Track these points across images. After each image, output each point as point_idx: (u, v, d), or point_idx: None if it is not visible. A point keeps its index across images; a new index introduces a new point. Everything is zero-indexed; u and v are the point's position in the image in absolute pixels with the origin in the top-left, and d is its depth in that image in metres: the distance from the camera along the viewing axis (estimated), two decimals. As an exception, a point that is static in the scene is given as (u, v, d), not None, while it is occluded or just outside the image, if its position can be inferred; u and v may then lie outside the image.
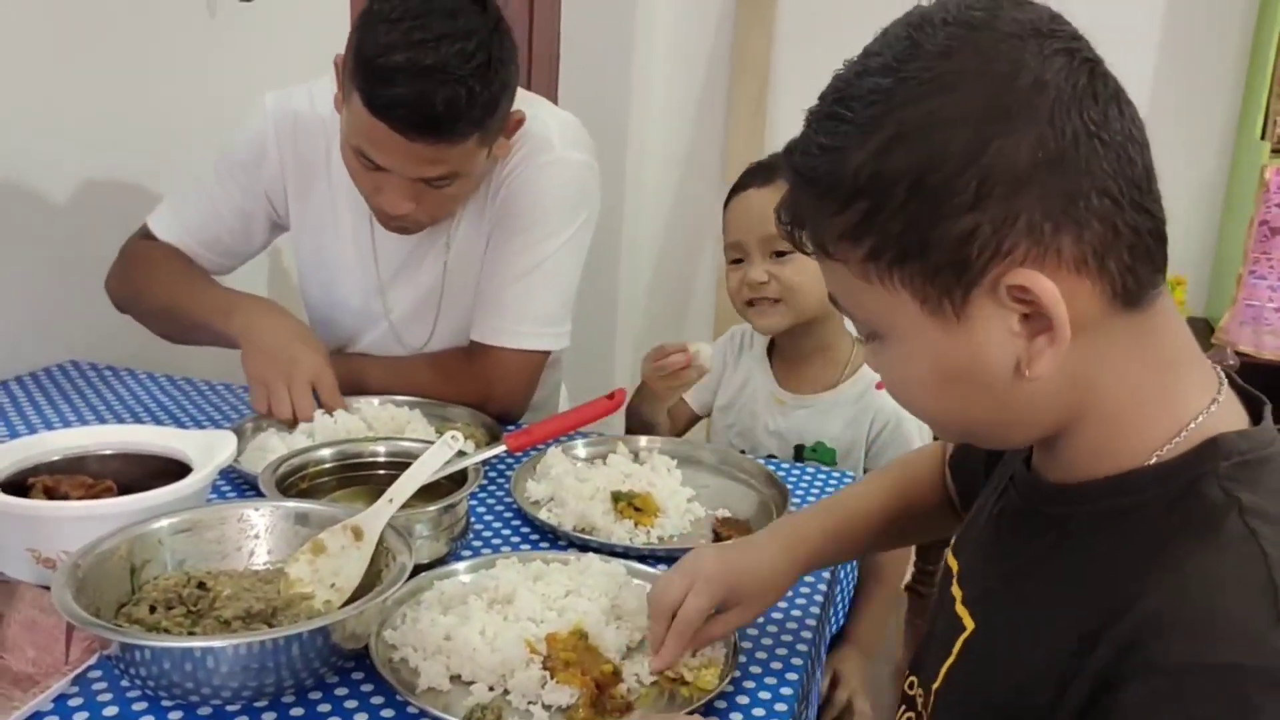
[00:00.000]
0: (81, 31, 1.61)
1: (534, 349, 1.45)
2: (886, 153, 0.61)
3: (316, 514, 1.00)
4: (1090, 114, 0.61)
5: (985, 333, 0.63)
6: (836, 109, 0.64)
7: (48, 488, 1.04)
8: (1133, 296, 0.63)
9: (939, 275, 0.62)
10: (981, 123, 0.59)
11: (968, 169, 0.59)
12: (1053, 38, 0.62)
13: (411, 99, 1.16)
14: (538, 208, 1.42)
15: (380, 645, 0.90)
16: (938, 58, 0.61)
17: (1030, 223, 0.60)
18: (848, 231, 0.64)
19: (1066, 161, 0.60)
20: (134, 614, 0.89)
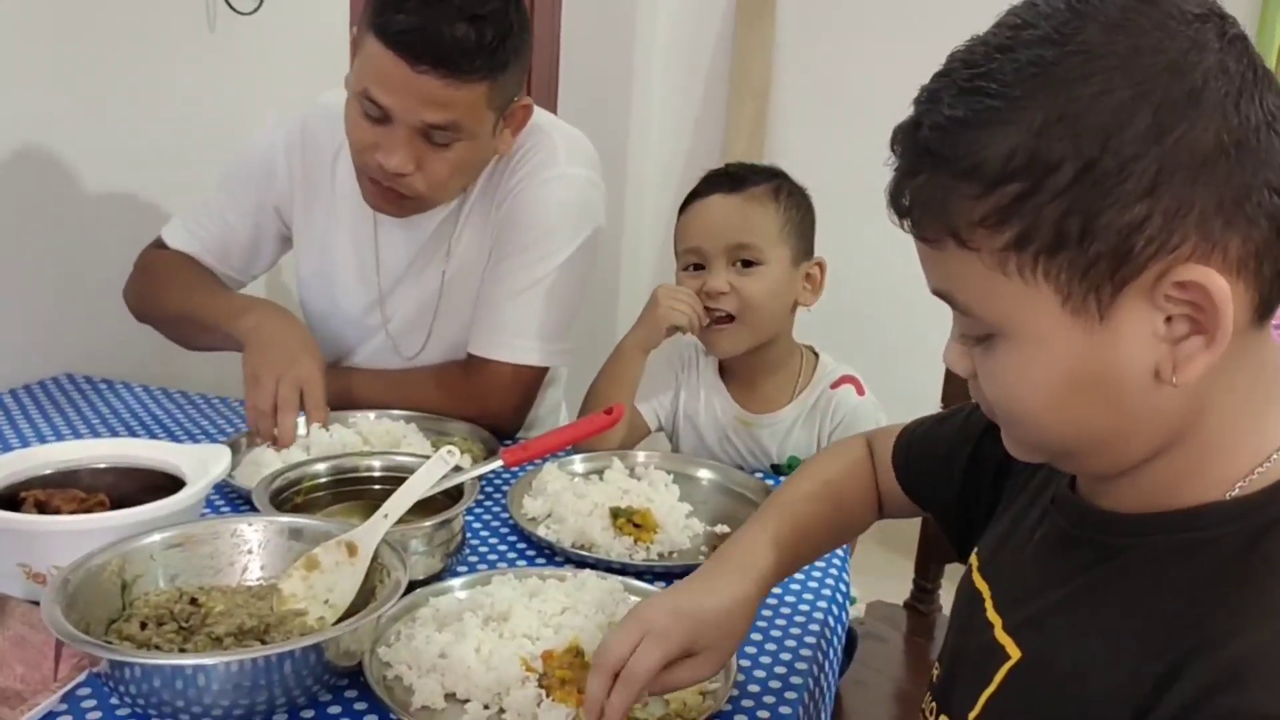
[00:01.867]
0: (80, 46, 1.60)
1: (530, 364, 1.44)
2: (1050, 131, 0.56)
3: (311, 529, 0.99)
4: (1269, 103, 0.57)
5: (1128, 336, 0.59)
6: (980, 83, 0.59)
7: (39, 502, 1.03)
8: (1270, 307, 0.59)
9: (1093, 268, 0.57)
10: (1165, 105, 0.55)
11: (1146, 154, 0.55)
12: (1225, 19, 0.58)
13: (421, 26, 1.19)
14: (541, 224, 1.42)
15: (374, 663, 0.89)
16: (1110, 30, 0.57)
17: (1203, 215, 0.56)
18: (990, 216, 0.59)
19: (1246, 152, 0.56)
20: (125, 630, 0.88)
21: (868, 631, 1.54)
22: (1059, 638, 0.68)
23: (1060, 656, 0.68)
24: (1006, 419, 0.68)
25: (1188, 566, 0.62)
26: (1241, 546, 0.61)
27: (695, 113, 3.28)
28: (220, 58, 1.86)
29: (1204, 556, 0.62)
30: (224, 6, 1.83)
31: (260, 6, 1.88)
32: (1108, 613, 0.66)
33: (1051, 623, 0.70)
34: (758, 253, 1.40)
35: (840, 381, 1.48)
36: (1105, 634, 0.65)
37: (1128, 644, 0.63)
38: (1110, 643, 0.64)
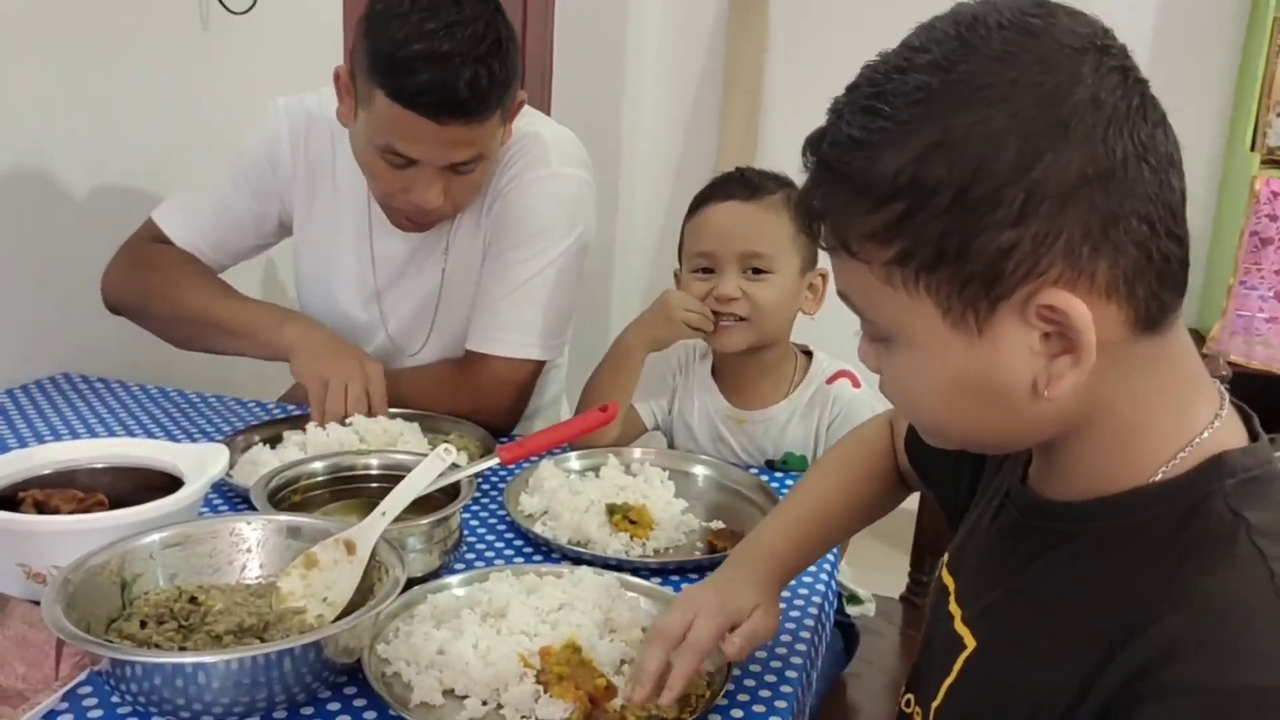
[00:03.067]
0: (74, 45, 1.61)
1: (526, 358, 1.46)
2: (930, 157, 0.59)
3: (309, 528, 0.99)
4: (1140, 135, 0.59)
5: (1005, 349, 0.62)
6: (875, 104, 0.61)
7: (38, 502, 1.04)
8: (1154, 322, 0.62)
9: (968, 286, 0.61)
10: (1034, 136, 0.58)
11: (1016, 182, 0.58)
12: (1108, 54, 0.61)
13: (438, 84, 1.22)
14: (533, 223, 1.43)
15: (373, 659, 0.90)
16: (992, 62, 0.59)
17: (1070, 243, 0.59)
18: (878, 232, 0.62)
19: (1114, 182, 0.58)
20: (125, 629, 0.88)
21: (865, 625, 1.55)
22: (1009, 627, 0.72)
23: (1010, 645, 0.70)
24: (906, 412, 0.73)
25: (1123, 551, 0.65)
26: (1170, 528, 0.63)
27: (687, 111, 3.29)
28: (214, 57, 1.86)
29: (1138, 541, 0.64)
30: (217, 6, 1.83)
31: (254, 6, 1.88)
32: (1051, 602, 0.68)
33: (1002, 612, 0.73)
34: (769, 261, 1.40)
35: (836, 376, 1.48)
36: (1050, 623, 0.67)
37: (1069, 632, 0.65)
38: (1054, 631, 0.66)
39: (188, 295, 1.45)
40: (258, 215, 1.51)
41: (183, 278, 1.47)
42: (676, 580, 1.10)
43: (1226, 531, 0.61)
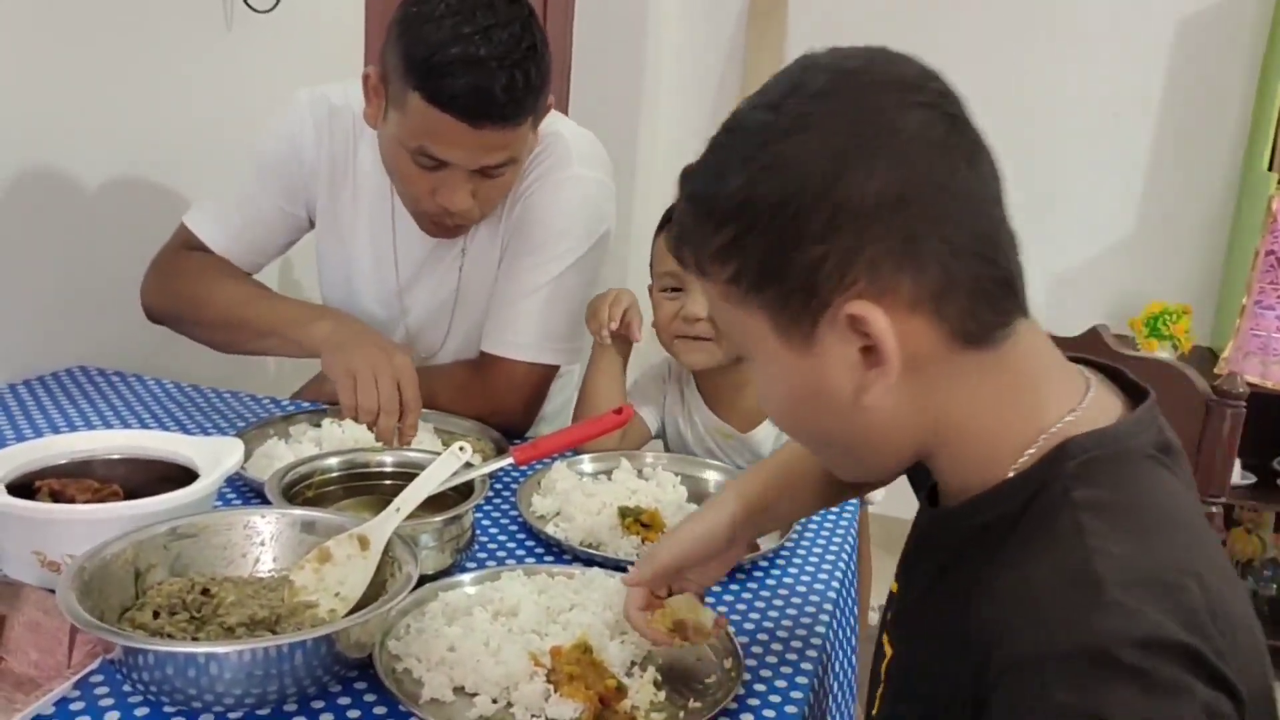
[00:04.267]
0: (98, 43, 1.62)
1: (542, 362, 1.46)
2: (757, 181, 0.65)
3: (323, 522, 0.99)
4: (939, 164, 0.65)
5: (829, 362, 0.67)
6: (724, 138, 0.69)
7: (54, 491, 1.04)
8: (975, 337, 0.66)
9: (790, 302, 0.66)
10: (838, 160, 0.64)
11: (821, 202, 0.64)
12: (918, 91, 0.66)
13: (474, 87, 1.22)
14: (553, 225, 1.43)
15: (384, 655, 0.90)
16: (812, 98, 0.66)
17: (873, 259, 0.64)
18: (718, 253, 0.68)
19: (911, 205, 0.63)
20: (137, 619, 0.88)
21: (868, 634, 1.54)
22: (914, 636, 0.76)
23: (916, 655, 0.75)
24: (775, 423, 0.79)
25: (978, 551, 0.68)
26: (1011, 520, 0.66)
27: (705, 116, 3.29)
28: (237, 55, 1.88)
29: (990, 538, 0.68)
30: (241, 5, 1.84)
31: (277, 5, 1.90)
32: (939, 609, 0.72)
33: (910, 622, 0.78)
34: None
35: None
36: (939, 629, 0.70)
37: (952, 637, 0.67)
38: (943, 637, 0.69)
39: (217, 300, 1.44)
40: (285, 211, 1.50)
41: (212, 283, 1.46)
42: (687, 584, 1.10)
43: (1053, 513, 0.64)
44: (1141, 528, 0.63)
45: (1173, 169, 2.93)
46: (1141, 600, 0.58)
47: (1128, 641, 0.56)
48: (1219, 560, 0.65)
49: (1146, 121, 2.93)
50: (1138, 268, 2.99)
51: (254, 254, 1.52)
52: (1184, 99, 2.89)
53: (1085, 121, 2.97)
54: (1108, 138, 2.96)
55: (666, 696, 0.89)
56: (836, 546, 1.22)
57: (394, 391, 1.28)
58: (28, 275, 1.57)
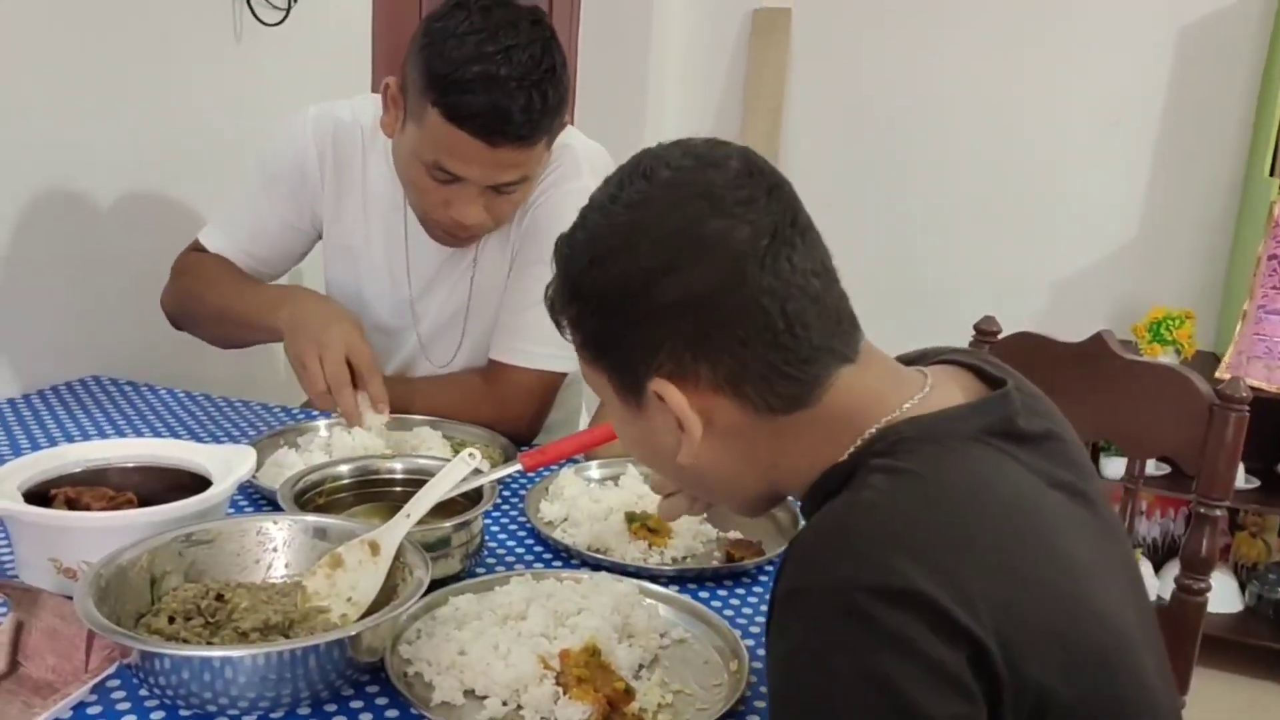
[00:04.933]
0: (109, 56, 1.64)
1: (549, 370, 1.47)
2: (589, 270, 0.76)
3: (335, 529, 1.01)
4: (729, 274, 0.72)
5: (654, 423, 0.78)
6: (583, 216, 0.78)
7: (69, 499, 1.05)
8: (778, 408, 0.75)
9: (620, 373, 0.77)
10: (645, 266, 0.73)
11: (632, 300, 0.74)
12: (719, 201, 0.73)
13: (493, 106, 1.23)
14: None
15: (395, 659, 0.92)
16: (635, 205, 0.75)
17: (673, 349, 0.74)
18: (571, 323, 0.80)
19: (704, 309, 0.72)
20: (153, 624, 0.90)
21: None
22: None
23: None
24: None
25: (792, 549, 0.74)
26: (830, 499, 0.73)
27: (710, 128, 3.31)
28: (246, 68, 1.90)
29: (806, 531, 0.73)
30: (250, 18, 1.87)
31: (285, 18, 1.92)
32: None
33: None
34: None
35: None
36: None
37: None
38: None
39: (210, 294, 1.48)
40: (290, 225, 1.53)
41: (209, 277, 1.50)
42: (694, 588, 1.11)
43: (853, 482, 0.71)
44: (924, 495, 0.68)
45: (1175, 174, 2.94)
46: (890, 552, 0.63)
47: (862, 587, 0.62)
48: (1025, 548, 0.68)
49: (1148, 127, 2.94)
50: (1140, 273, 3.00)
51: (262, 265, 1.55)
52: (1185, 105, 2.90)
53: (1087, 128, 2.98)
54: (1109, 144, 2.97)
55: (674, 698, 0.90)
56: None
57: (340, 366, 1.29)
58: (42, 287, 1.59)
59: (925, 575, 0.62)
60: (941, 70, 3.03)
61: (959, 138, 3.06)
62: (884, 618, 0.60)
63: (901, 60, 3.05)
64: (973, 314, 1.54)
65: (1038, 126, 3.00)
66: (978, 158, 3.06)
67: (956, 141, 3.06)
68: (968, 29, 3.00)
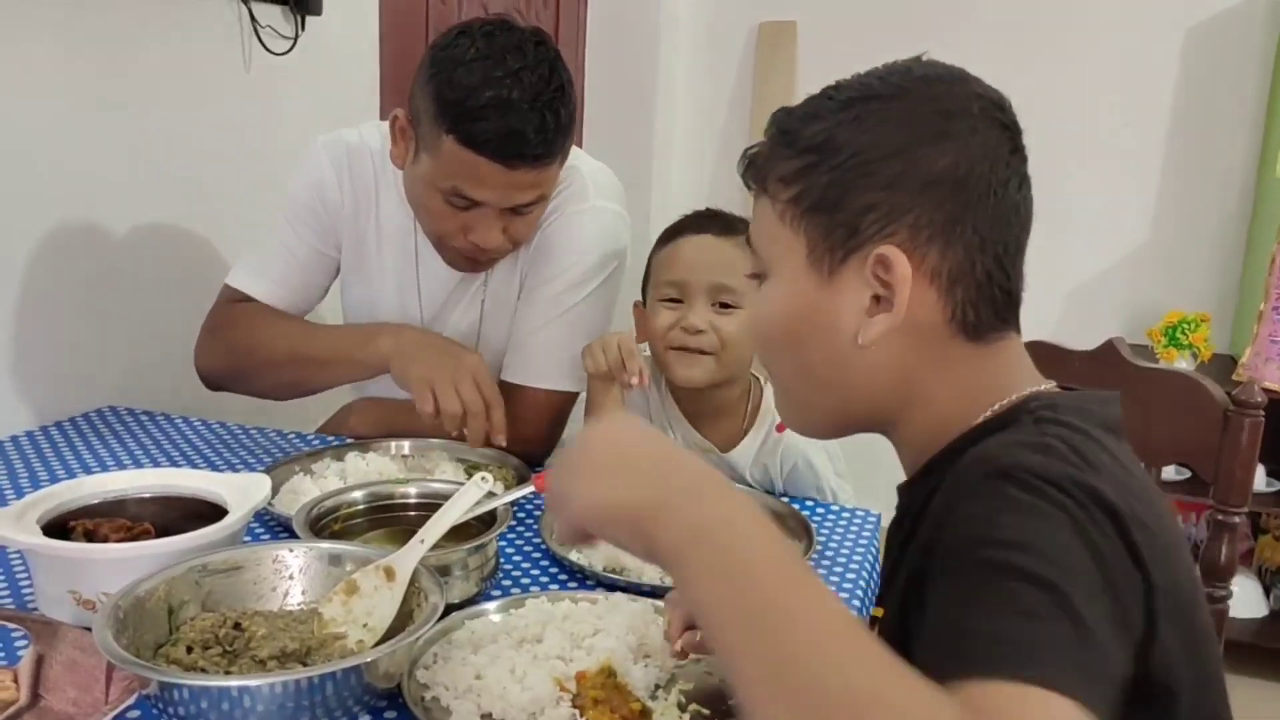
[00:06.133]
0: (121, 87, 1.66)
1: (560, 389, 1.48)
2: (843, 127, 0.75)
3: (350, 555, 1.01)
4: (997, 172, 0.74)
5: (842, 297, 0.76)
6: (829, 90, 0.79)
7: (87, 530, 1.06)
8: (970, 328, 0.75)
9: (833, 233, 0.75)
10: (919, 131, 0.74)
11: (892, 159, 0.73)
12: (999, 111, 0.77)
13: (508, 130, 1.25)
14: (570, 255, 1.46)
15: (412, 684, 0.92)
16: (916, 79, 0.77)
17: (916, 221, 0.73)
18: (787, 176, 0.77)
19: (962, 191, 0.73)
20: (172, 654, 0.90)
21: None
22: (892, 595, 0.80)
23: (894, 611, 0.78)
24: (758, 347, 0.86)
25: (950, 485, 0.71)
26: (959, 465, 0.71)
27: (717, 141, 3.32)
28: (255, 97, 1.92)
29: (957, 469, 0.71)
30: (259, 48, 1.89)
31: (293, 47, 1.94)
32: (909, 564, 0.75)
33: (892, 586, 0.82)
34: (738, 297, 1.43)
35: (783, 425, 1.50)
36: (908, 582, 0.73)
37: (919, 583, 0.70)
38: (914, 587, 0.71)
39: (276, 340, 1.46)
40: (320, 253, 1.53)
41: (266, 325, 1.48)
42: (710, 607, 1.10)
43: (1016, 423, 0.72)
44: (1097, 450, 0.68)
45: (1186, 177, 2.93)
46: (1057, 457, 0.65)
47: (1028, 470, 0.63)
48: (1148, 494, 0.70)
49: (1158, 131, 2.94)
50: (1154, 278, 2.98)
51: (298, 298, 1.54)
52: (1195, 107, 2.90)
53: (1096, 133, 2.98)
54: (1120, 148, 2.97)
55: (690, 718, 0.90)
56: (859, 559, 1.23)
57: (475, 393, 1.31)
58: (58, 319, 1.61)
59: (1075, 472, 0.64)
60: (948, 79, 3.03)
61: (968, 146, 3.06)
62: (1044, 489, 0.62)
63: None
64: (985, 322, 1.53)
65: (1046, 132, 2.96)
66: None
67: (965, 150, 3.06)
68: (975, 38, 3.00)
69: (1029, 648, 0.55)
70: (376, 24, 2.25)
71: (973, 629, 0.57)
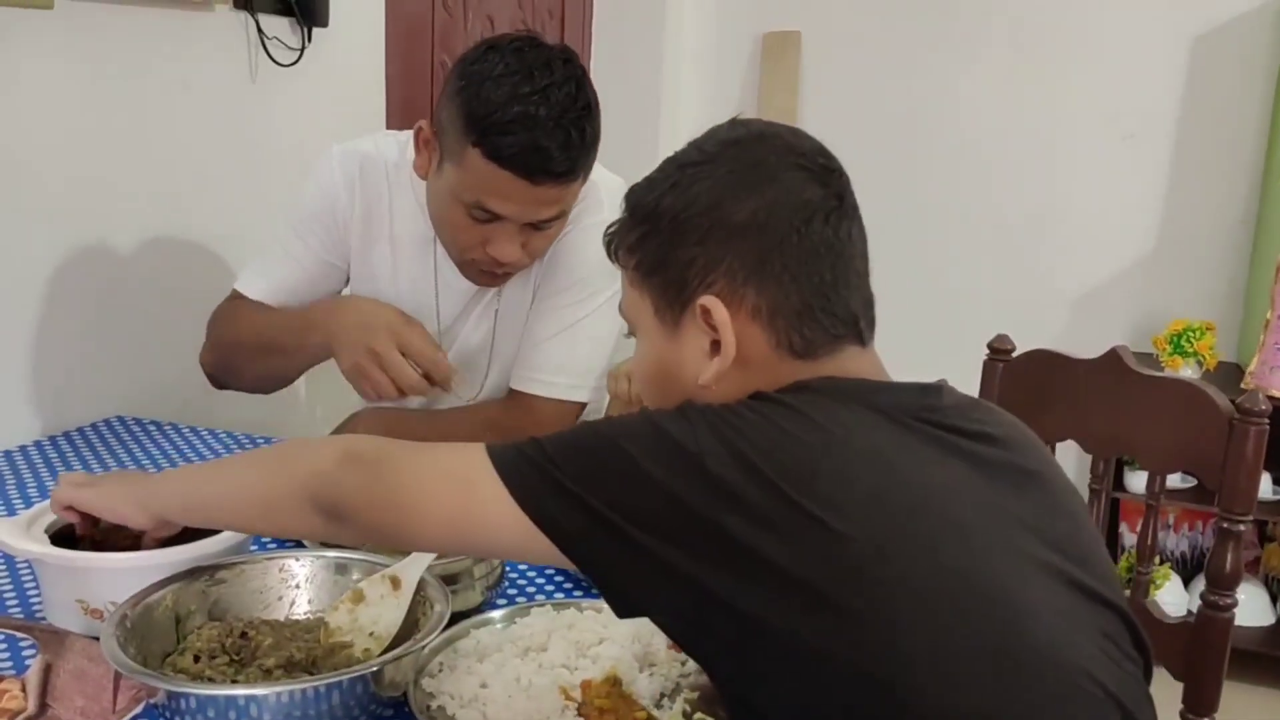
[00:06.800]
0: (128, 98, 1.67)
1: (570, 400, 1.48)
2: (665, 195, 0.83)
3: (356, 564, 1.02)
4: (799, 213, 0.81)
5: (685, 345, 0.84)
6: (664, 164, 0.87)
7: (95, 540, 1.07)
8: (799, 350, 0.81)
9: (668, 290, 0.83)
10: (723, 189, 0.82)
11: (702, 216, 0.81)
12: (801, 157, 0.83)
13: (534, 146, 1.25)
14: (583, 267, 1.46)
15: (418, 693, 0.92)
16: (723, 143, 0.85)
17: (730, 268, 0.81)
18: (631, 244, 0.86)
19: (766, 233, 0.80)
20: (179, 663, 0.91)
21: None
22: None
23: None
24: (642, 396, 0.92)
25: None
26: None
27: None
28: (262, 107, 1.93)
29: None
30: (265, 59, 1.90)
31: (300, 59, 1.95)
32: None
33: None
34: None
35: None
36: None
37: None
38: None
39: (247, 333, 1.47)
40: (326, 261, 1.52)
41: (242, 319, 1.49)
42: (715, 616, 1.11)
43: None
44: (764, 408, 0.76)
45: (1192, 185, 2.93)
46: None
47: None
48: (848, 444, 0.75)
49: (1164, 138, 2.94)
50: (1159, 285, 2.98)
51: (296, 302, 1.54)
52: (1200, 115, 2.90)
53: (1101, 140, 2.98)
54: (1125, 156, 2.97)
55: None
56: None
57: (403, 367, 1.30)
58: (66, 329, 1.62)
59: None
60: (953, 88, 3.04)
61: (972, 155, 3.06)
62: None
63: (912, 79, 3.06)
64: (990, 330, 1.53)
65: (1051, 141, 3.00)
66: (991, 175, 3.06)
67: (969, 159, 3.06)
68: (978, 47, 3.01)
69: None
70: (383, 35, 2.26)
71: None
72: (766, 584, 0.68)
